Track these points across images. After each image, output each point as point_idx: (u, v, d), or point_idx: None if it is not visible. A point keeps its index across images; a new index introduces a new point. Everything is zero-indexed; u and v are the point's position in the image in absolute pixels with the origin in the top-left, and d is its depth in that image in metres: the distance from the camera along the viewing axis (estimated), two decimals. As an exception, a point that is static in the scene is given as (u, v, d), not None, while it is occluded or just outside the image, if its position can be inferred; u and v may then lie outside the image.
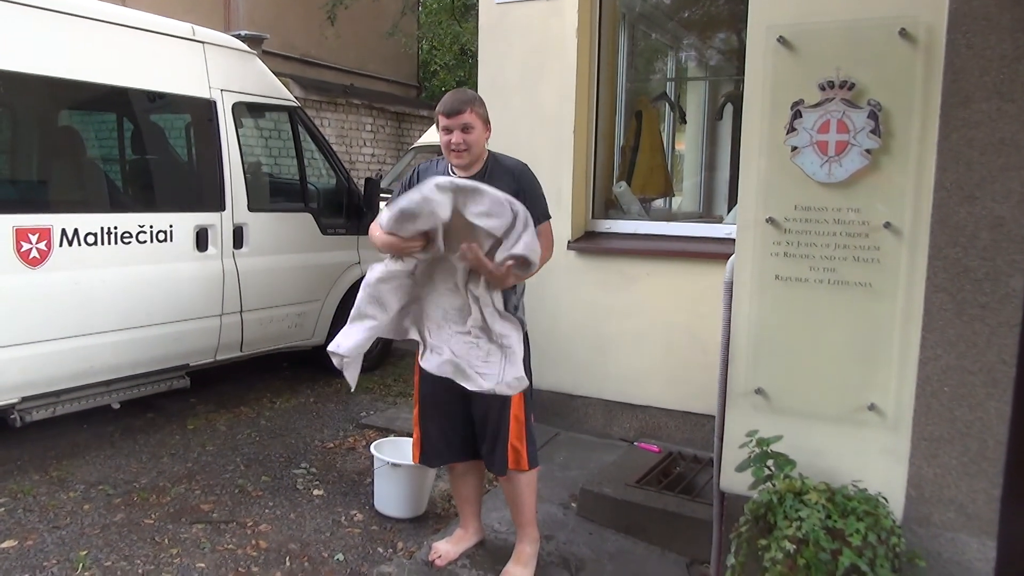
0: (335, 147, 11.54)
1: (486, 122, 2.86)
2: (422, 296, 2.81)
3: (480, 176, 2.81)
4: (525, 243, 2.60)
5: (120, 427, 4.61)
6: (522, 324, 2.91)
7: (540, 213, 2.81)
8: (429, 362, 2.81)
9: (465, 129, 2.76)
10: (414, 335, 2.89)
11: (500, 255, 2.62)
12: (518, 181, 2.81)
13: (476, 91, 4.83)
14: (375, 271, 2.79)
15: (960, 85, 2.43)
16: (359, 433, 4.70)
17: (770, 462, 2.61)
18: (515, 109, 4.58)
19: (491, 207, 2.57)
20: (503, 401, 2.87)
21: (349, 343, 2.77)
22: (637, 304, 4.35)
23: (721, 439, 2.94)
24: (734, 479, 2.81)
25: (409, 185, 2.84)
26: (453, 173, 2.85)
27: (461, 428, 3.00)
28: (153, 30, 4.60)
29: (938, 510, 2.56)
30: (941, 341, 2.52)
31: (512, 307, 2.88)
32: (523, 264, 2.64)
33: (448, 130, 2.79)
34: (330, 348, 2.81)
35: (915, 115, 2.52)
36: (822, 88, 2.62)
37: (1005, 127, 2.39)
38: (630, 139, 5.04)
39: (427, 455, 3.08)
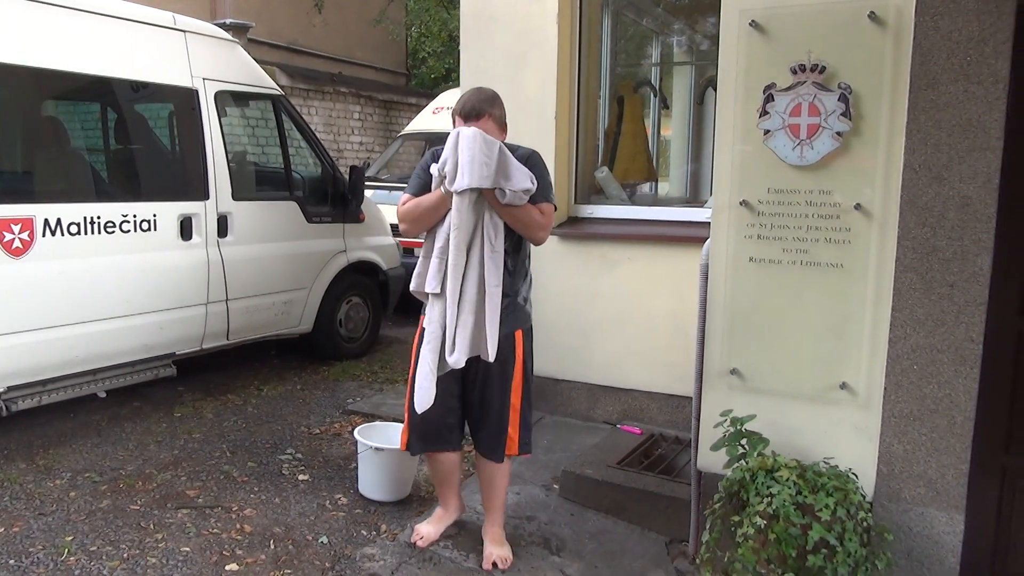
0: (323, 136, 11.53)
1: (503, 126, 2.93)
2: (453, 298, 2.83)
3: None
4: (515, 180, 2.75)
5: (107, 415, 4.64)
6: (528, 316, 3.02)
7: (542, 194, 2.88)
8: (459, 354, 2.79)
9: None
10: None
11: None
12: (528, 165, 2.87)
13: (459, 79, 4.85)
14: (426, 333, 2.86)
15: (928, 67, 2.47)
16: (345, 419, 4.73)
17: (744, 441, 2.66)
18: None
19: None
20: (504, 389, 2.95)
21: (425, 395, 2.81)
22: (619, 288, 4.38)
23: (698, 419, 2.99)
24: (710, 458, 2.86)
25: (427, 167, 2.91)
26: None
27: (454, 415, 3.04)
28: (134, 19, 4.58)
29: (908, 486, 2.62)
30: (910, 320, 2.56)
31: (523, 298, 3.00)
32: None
33: None
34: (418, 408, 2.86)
35: (884, 97, 2.56)
36: (794, 72, 2.65)
37: (972, 108, 2.42)
38: (612, 125, 5.06)
39: (414, 444, 3.09)
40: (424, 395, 2.80)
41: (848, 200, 2.64)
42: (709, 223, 2.93)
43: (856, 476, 2.58)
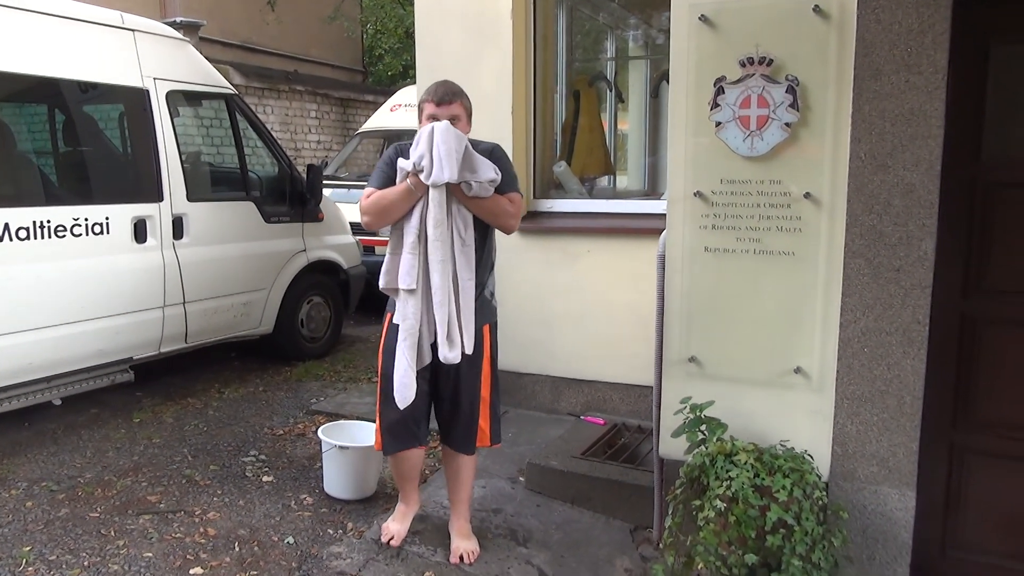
0: (279, 135, 11.39)
1: (470, 116, 2.96)
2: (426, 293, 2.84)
3: None
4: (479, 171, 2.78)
5: (63, 423, 4.54)
6: (495, 311, 3.07)
7: (509, 185, 2.91)
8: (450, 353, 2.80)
9: (452, 120, 2.82)
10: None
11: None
12: (492, 158, 2.89)
13: (416, 74, 4.84)
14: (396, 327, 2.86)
15: (871, 59, 2.54)
16: (309, 419, 4.70)
17: (703, 427, 2.72)
18: (454, 91, 4.60)
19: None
20: (475, 384, 2.98)
21: (406, 391, 2.81)
22: (580, 281, 4.43)
23: (659, 408, 3.04)
24: (671, 445, 2.91)
25: (391, 161, 2.90)
26: None
27: (422, 411, 3.04)
28: (80, 18, 4.49)
29: (861, 465, 2.70)
30: (859, 304, 2.64)
31: (489, 292, 3.03)
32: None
33: (434, 118, 2.83)
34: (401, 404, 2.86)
35: (830, 89, 2.63)
36: (742, 64, 2.71)
37: (913, 98, 2.50)
38: (569, 120, 5.10)
39: (388, 444, 3.07)
40: (405, 391, 2.80)
41: (798, 189, 2.70)
42: (665, 214, 2.98)
43: (811, 457, 2.65)
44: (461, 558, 3.03)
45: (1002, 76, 2.57)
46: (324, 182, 6.22)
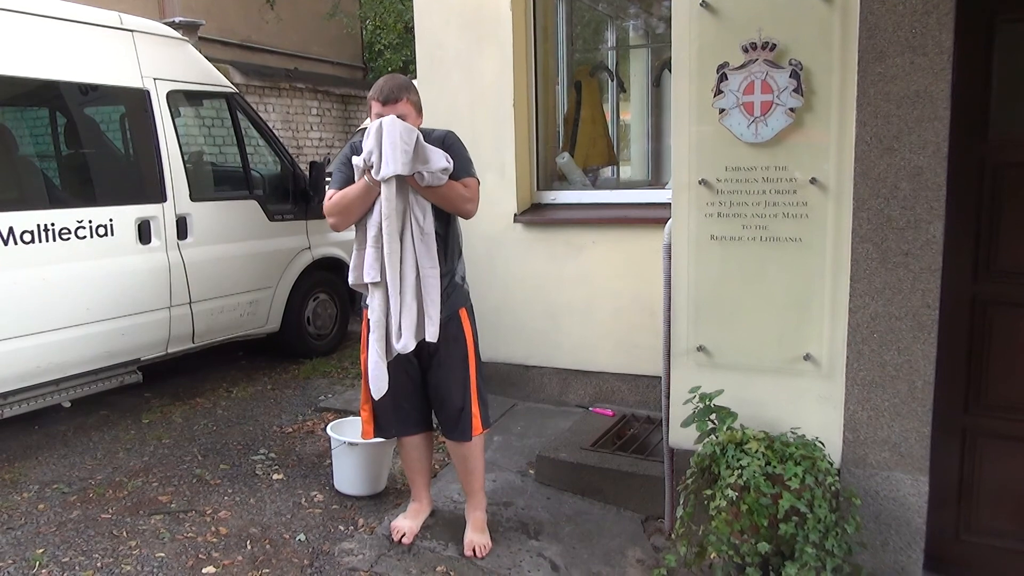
0: (281, 133, 11.39)
1: (419, 110, 2.96)
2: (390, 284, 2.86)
3: None
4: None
5: (73, 425, 4.55)
6: (468, 295, 3.09)
7: (463, 171, 2.93)
8: (404, 342, 2.83)
9: (400, 118, 2.80)
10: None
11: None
12: (444, 145, 2.90)
13: (416, 70, 4.83)
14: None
15: (875, 41, 2.51)
16: (318, 417, 4.71)
17: (713, 416, 2.70)
18: (454, 84, 4.58)
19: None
20: (460, 368, 3.00)
21: (379, 382, 2.86)
22: (585, 272, 4.41)
23: (668, 398, 3.03)
24: (681, 435, 2.90)
25: (348, 160, 2.94)
26: None
27: (414, 399, 3.08)
28: (79, 20, 4.47)
29: (873, 451, 2.68)
30: (868, 290, 2.62)
31: (460, 278, 3.05)
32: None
33: (380, 117, 2.83)
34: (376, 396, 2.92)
35: (834, 72, 2.61)
36: (745, 50, 2.68)
37: (919, 79, 2.48)
38: (571, 111, 5.08)
39: (381, 427, 3.13)
40: (378, 383, 2.86)
41: (804, 175, 2.68)
42: (670, 204, 2.96)
43: (823, 444, 2.63)
44: (474, 551, 3.03)
45: (1008, 55, 2.55)
46: (326, 179, 6.21)
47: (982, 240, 2.61)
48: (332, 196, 2.92)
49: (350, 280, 2.92)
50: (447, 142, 2.92)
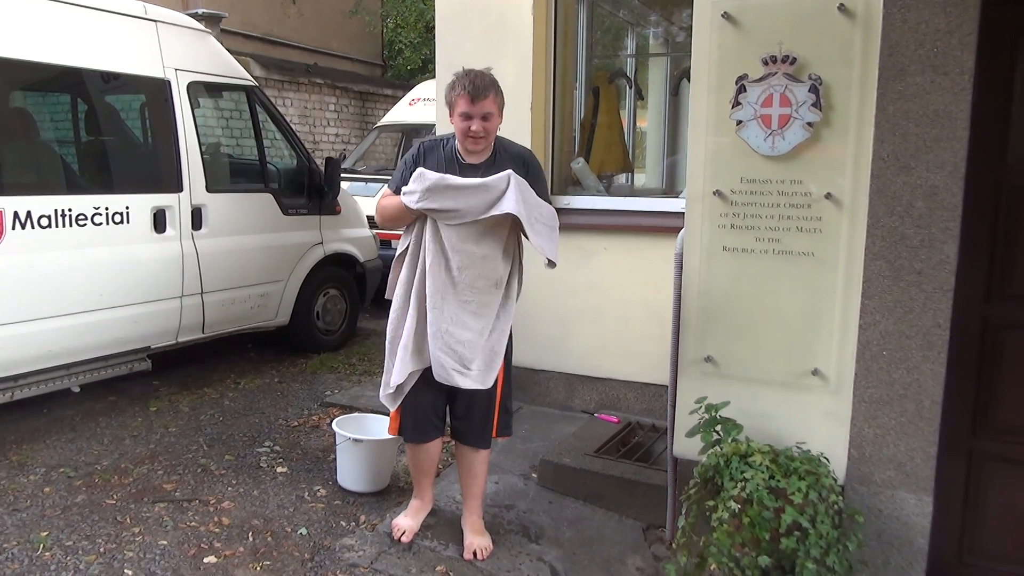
0: (298, 127, 11.44)
1: (502, 110, 2.91)
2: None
3: (489, 163, 2.89)
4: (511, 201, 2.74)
5: (81, 410, 4.59)
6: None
7: (542, 196, 2.92)
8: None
9: (486, 118, 2.79)
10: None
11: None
12: (527, 167, 2.89)
13: (435, 70, 4.84)
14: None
15: (896, 59, 2.51)
16: (323, 411, 4.73)
17: (718, 427, 2.70)
18: (473, 86, 4.59)
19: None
20: (494, 388, 2.99)
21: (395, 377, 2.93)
22: (596, 279, 4.41)
23: (674, 407, 3.02)
24: (686, 445, 2.90)
25: (414, 163, 2.90)
26: (458, 156, 2.90)
27: (440, 408, 3.08)
28: (105, 9, 4.52)
29: (878, 469, 2.67)
30: (880, 307, 2.61)
31: (515, 294, 3.12)
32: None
33: (467, 116, 2.80)
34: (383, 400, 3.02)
35: (854, 88, 2.60)
36: (765, 63, 2.68)
37: (938, 99, 2.47)
38: (588, 116, 5.08)
39: (407, 429, 3.08)
40: (398, 378, 2.90)
41: (819, 190, 2.68)
42: (682, 213, 2.96)
43: (828, 460, 2.62)
44: (474, 554, 3.03)
45: (1030, 78, 2.54)
46: (342, 175, 6.24)
47: (996, 262, 2.60)
48: (385, 195, 2.93)
49: (388, 295, 3.01)
50: (530, 167, 2.91)
